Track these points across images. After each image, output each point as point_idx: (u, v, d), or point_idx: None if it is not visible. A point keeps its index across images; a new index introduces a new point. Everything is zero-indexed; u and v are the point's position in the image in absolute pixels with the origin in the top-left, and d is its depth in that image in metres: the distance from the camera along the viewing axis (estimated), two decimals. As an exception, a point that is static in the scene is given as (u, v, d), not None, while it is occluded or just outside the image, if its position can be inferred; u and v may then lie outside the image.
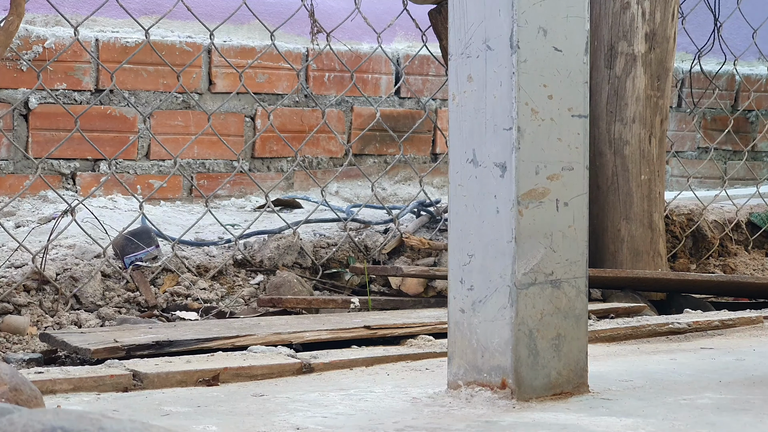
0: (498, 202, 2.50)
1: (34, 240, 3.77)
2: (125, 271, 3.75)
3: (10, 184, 4.24)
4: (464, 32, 2.55)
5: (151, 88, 4.51)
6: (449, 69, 2.61)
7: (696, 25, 5.23)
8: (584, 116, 2.57)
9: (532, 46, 2.49)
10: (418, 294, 3.86)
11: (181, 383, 2.76)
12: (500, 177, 2.49)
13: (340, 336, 3.23)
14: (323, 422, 2.36)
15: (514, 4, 2.46)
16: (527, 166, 2.49)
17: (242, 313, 3.71)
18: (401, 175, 5.08)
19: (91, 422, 1.58)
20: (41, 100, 4.28)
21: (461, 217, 2.55)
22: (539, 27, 2.50)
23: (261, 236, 4.07)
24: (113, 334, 3.12)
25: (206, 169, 4.63)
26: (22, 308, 3.53)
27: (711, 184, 5.98)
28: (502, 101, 2.49)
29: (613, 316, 3.74)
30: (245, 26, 4.74)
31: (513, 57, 2.47)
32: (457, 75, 2.57)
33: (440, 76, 5.09)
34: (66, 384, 2.66)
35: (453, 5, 2.57)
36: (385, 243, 4.19)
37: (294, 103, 4.82)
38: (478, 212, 2.53)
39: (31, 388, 2.13)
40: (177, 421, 2.36)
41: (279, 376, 2.88)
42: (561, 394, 2.54)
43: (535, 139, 2.50)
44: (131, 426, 1.60)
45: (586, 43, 2.56)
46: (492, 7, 2.50)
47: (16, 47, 4.22)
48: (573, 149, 2.55)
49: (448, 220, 3.17)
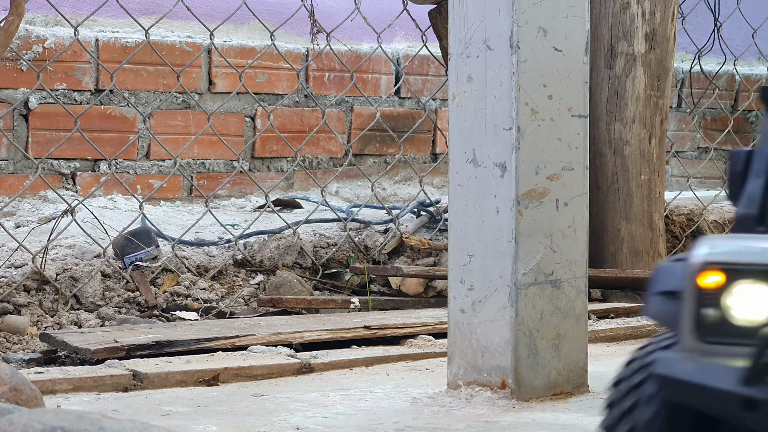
0: (498, 202, 2.50)
1: (34, 240, 3.77)
2: (125, 271, 3.75)
3: (10, 184, 4.24)
4: (464, 32, 2.55)
5: (151, 88, 4.51)
6: (449, 69, 2.61)
7: (696, 25, 5.23)
8: (584, 116, 2.57)
9: (532, 46, 2.49)
10: (418, 294, 3.86)
11: (181, 383, 2.76)
12: (500, 177, 2.49)
13: (340, 336, 3.23)
14: (323, 422, 2.36)
15: (514, 4, 2.47)
16: (527, 166, 2.49)
17: (242, 313, 3.71)
18: (401, 175, 5.08)
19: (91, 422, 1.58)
20: (41, 100, 4.28)
21: (461, 217, 2.55)
22: (539, 27, 2.50)
23: (261, 236, 4.07)
24: (113, 334, 3.12)
25: (206, 169, 4.63)
26: (22, 308, 3.53)
27: (711, 184, 5.98)
28: (502, 101, 2.49)
29: (613, 316, 3.75)
30: (245, 26, 4.74)
31: (513, 57, 2.47)
32: (457, 75, 2.57)
33: (440, 76, 5.09)
34: (66, 384, 2.67)
35: (453, 5, 2.57)
36: (385, 243, 4.19)
37: (294, 103, 4.82)
38: (478, 212, 2.53)
39: (31, 388, 2.13)
40: (177, 421, 2.36)
41: (279, 376, 2.88)
42: (561, 394, 2.54)
43: (535, 139, 2.50)
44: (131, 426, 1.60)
45: (586, 43, 2.57)
46: (492, 7, 2.50)
47: (16, 47, 4.22)
48: (573, 149, 2.55)
49: (448, 220, 3.17)
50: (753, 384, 1.49)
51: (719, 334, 1.57)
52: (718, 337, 1.57)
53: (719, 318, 1.60)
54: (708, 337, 1.60)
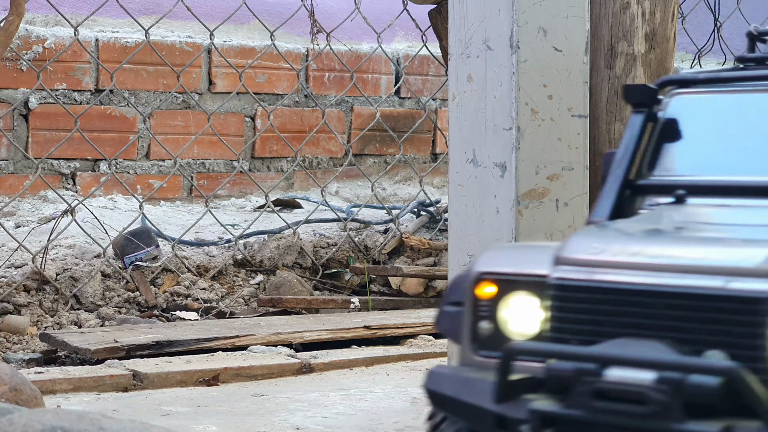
0: (498, 202, 2.50)
1: (34, 240, 3.77)
2: (125, 271, 3.75)
3: (10, 184, 4.24)
4: (464, 32, 2.55)
5: (151, 88, 4.51)
6: (449, 69, 2.61)
7: (696, 25, 5.23)
8: (584, 116, 2.57)
9: (532, 46, 2.49)
10: (418, 294, 3.86)
11: (181, 383, 2.76)
12: (500, 177, 2.49)
13: (340, 336, 3.23)
14: (323, 422, 2.36)
15: (514, 4, 2.46)
16: (527, 166, 2.49)
17: (242, 313, 3.71)
18: (401, 175, 5.08)
19: (91, 422, 1.58)
20: (41, 100, 4.28)
21: (461, 217, 2.55)
22: (539, 27, 2.50)
23: (261, 236, 4.07)
24: (113, 334, 3.12)
25: (206, 169, 4.63)
26: (22, 308, 3.52)
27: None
28: (502, 101, 2.49)
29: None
30: (245, 26, 4.74)
31: (513, 57, 2.47)
32: (457, 75, 2.57)
33: (440, 76, 5.09)
34: (66, 384, 2.67)
35: (453, 5, 2.57)
36: (385, 243, 4.19)
37: (294, 103, 4.82)
38: (478, 212, 2.53)
39: (31, 388, 2.13)
40: (177, 421, 2.36)
41: (279, 376, 2.88)
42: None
43: (535, 139, 2.50)
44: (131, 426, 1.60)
45: (586, 43, 2.57)
46: (492, 7, 2.50)
47: (16, 47, 4.22)
48: (573, 149, 2.55)
49: (448, 220, 3.17)
50: (502, 401, 1.42)
51: (494, 347, 1.50)
52: (493, 350, 1.50)
53: (494, 331, 1.52)
54: (483, 350, 1.53)
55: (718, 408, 1.32)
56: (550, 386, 1.40)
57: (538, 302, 1.50)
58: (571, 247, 1.49)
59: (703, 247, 1.43)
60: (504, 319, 1.52)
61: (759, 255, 1.37)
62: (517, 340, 1.50)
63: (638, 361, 1.35)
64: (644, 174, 1.73)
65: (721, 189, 1.66)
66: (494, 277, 1.53)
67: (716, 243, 1.44)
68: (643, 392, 1.33)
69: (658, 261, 1.42)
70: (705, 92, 1.76)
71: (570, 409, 1.37)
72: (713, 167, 1.70)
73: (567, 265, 1.47)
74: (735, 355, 1.35)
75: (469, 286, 1.54)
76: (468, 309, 1.54)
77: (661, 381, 1.33)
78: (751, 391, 1.30)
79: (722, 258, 1.39)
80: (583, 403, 1.35)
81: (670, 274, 1.41)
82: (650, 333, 1.40)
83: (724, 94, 1.75)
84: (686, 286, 1.39)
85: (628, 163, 1.72)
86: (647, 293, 1.41)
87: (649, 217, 1.62)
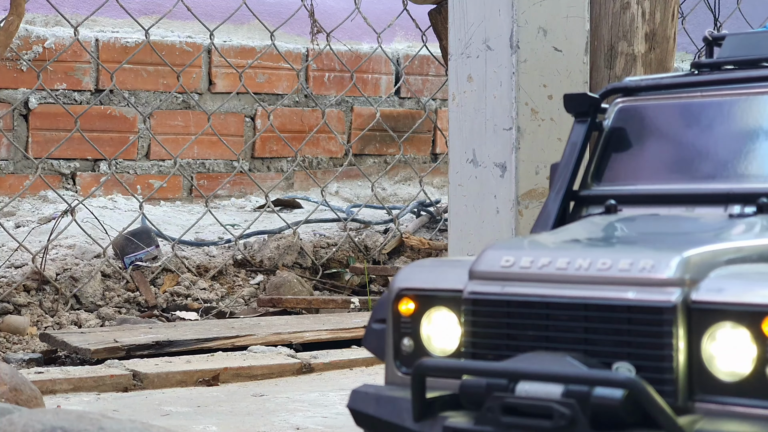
0: (498, 202, 2.50)
1: (34, 240, 3.77)
2: (125, 271, 3.75)
3: (10, 184, 4.24)
4: (464, 32, 2.55)
5: (151, 88, 4.51)
6: (449, 69, 2.61)
7: (696, 25, 5.23)
8: (584, 116, 2.57)
9: (532, 46, 2.49)
10: (418, 294, 3.85)
11: (181, 383, 2.76)
12: (500, 177, 2.50)
13: (340, 336, 3.23)
14: (323, 422, 2.36)
15: (514, 4, 2.47)
16: (527, 166, 2.49)
17: (242, 313, 3.71)
18: (401, 175, 5.08)
19: (91, 422, 1.57)
20: (41, 100, 4.28)
21: (461, 217, 2.55)
22: (539, 27, 2.50)
23: (261, 236, 4.07)
24: (113, 334, 3.12)
25: (206, 169, 4.63)
26: (22, 308, 3.52)
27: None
28: (502, 101, 2.49)
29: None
30: (245, 26, 4.74)
31: (513, 57, 2.48)
32: (457, 75, 2.57)
33: (440, 76, 5.09)
34: (66, 384, 2.67)
35: (453, 5, 2.57)
36: (385, 243, 4.19)
37: (294, 103, 4.82)
38: (478, 212, 2.53)
39: (31, 388, 2.13)
40: (177, 421, 2.36)
41: (279, 376, 2.88)
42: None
43: (535, 139, 2.50)
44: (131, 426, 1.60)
45: (586, 43, 2.57)
46: (492, 7, 2.50)
47: (16, 47, 4.22)
48: (573, 149, 2.55)
49: (448, 220, 3.17)
50: (420, 419, 1.41)
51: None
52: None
53: (416, 347, 1.50)
54: (405, 367, 1.51)
55: (624, 420, 1.32)
56: (465, 403, 1.40)
57: (456, 318, 1.49)
58: (483, 261, 1.47)
59: (613, 258, 1.40)
60: (426, 336, 1.51)
61: (667, 265, 1.36)
62: (435, 356, 1.49)
63: (545, 375, 1.34)
64: (588, 184, 1.72)
65: (656, 198, 1.65)
66: (413, 293, 1.51)
67: (627, 253, 1.41)
68: (550, 406, 1.33)
69: (567, 272, 1.41)
70: (650, 99, 1.73)
71: (480, 425, 1.36)
72: (653, 176, 1.68)
73: (479, 279, 1.46)
74: (642, 366, 1.35)
75: (391, 303, 1.53)
76: (390, 326, 1.52)
77: (568, 394, 1.32)
78: (652, 402, 1.30)
79: (629, 268, 1.38)
80: (493, 418, 1.36)
81: (578, 286, 1.40)
82: (562, 346, 1.39)
83: (669, 100, 1.72)
84: (592, 297, 1.38)
85: (570, 175, 1.70)
86: (555, 305, 1.40)
87: (574, 227, 1.60)
